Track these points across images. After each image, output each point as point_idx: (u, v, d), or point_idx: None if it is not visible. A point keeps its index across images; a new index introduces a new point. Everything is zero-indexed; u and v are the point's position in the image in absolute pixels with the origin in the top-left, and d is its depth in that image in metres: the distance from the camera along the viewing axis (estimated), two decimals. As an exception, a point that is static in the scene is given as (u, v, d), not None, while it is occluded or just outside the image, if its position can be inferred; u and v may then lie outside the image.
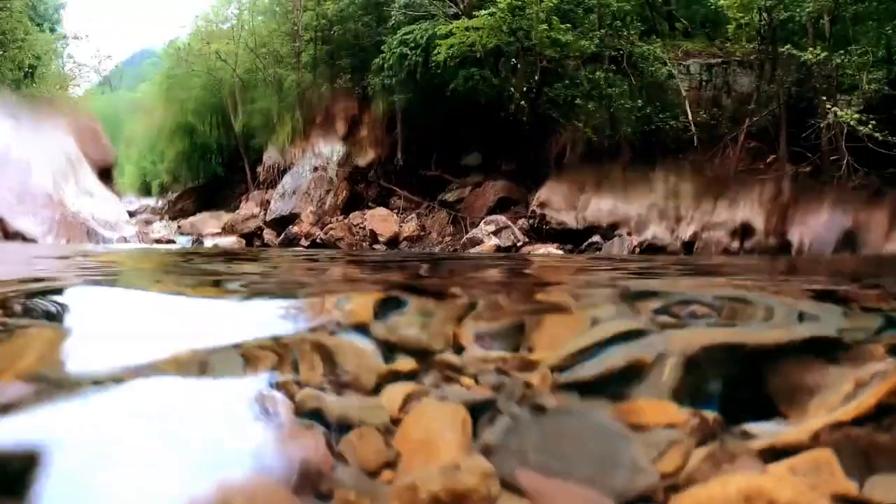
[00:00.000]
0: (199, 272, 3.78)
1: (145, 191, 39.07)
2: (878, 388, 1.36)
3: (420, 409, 1.39)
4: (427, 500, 1.09)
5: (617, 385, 1.52)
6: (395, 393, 1.45)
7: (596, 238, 12.41)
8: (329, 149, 18.23)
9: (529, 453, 1.26)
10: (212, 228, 18.36)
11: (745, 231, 11.35)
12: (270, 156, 19.84)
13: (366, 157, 18.22)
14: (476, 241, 13.09)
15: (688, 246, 11.47)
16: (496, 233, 13.30)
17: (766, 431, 1.34)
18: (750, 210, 11.94)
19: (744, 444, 1.28)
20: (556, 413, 1.43)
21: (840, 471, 1.19)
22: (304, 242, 15.13)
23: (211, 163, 28.95)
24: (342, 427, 1.29)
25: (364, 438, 1.27)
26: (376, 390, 1.48)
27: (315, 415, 1.33)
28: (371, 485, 1.19)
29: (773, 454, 1.24)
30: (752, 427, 1.35)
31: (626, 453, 1.25)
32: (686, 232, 11.74)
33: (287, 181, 17.89)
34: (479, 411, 1.37)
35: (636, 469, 1.22)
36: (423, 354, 1.63)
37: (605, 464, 1.23)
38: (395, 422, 1.35)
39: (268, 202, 18.24)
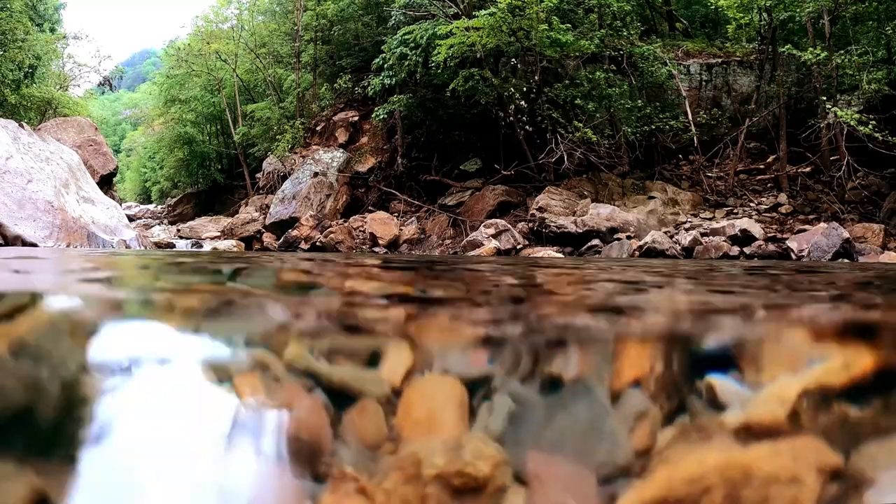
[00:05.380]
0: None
1: (145, 196, 39.40)
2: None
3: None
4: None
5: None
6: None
7: (595, 242, 12.41)
8: (329, 156, 18.25)
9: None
10: (211, 232, 18.41)
11: (744, 237, 11.35)
12: (270, 162, 19.87)
13: (366, 164, 18.26)
14: (476, 244, 13.08)
15: (687, 251, 11.48)
16: (496, 236, 13.29)
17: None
18: (748, 220, 11.98)
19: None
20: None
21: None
22: (303, 246, 15.14)
23: (210, 170, 29.26)
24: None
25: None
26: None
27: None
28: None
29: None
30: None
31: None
32: (685, 237, 11.74)
33: (287, 186, 17.91)
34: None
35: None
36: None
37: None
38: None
39: (267, 207, 18.26)
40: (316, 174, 17.66)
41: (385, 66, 16.33)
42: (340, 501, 0.93)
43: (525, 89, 14.80)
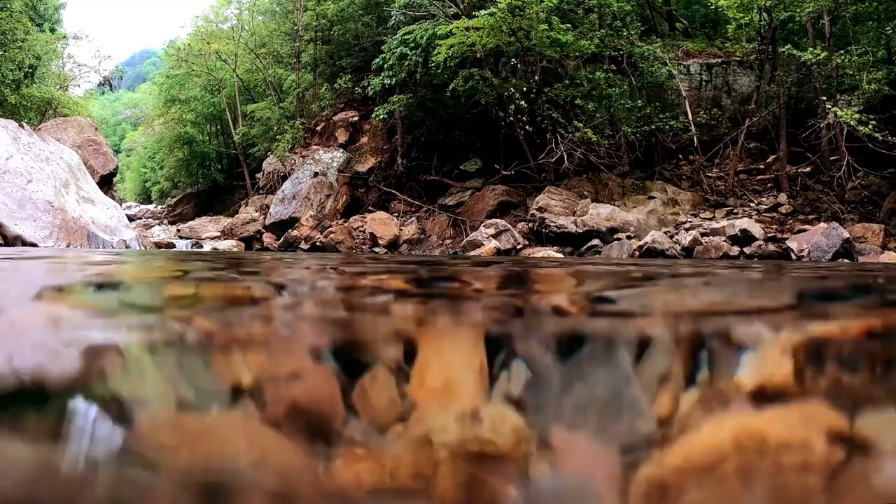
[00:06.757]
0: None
1: (145, 196, 39.42)
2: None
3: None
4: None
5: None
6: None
7: (595, 242, 12.41)
8: (329, 156, 18.26)
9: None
10: (211, 232, 18.42)
11: (744, 237, 11.35)
12: (270, 162, 19.88)
13: (366, 164, 18.28)
14: (476, 244, 13.08)
15: (687, 251, 11.47)
16: (496, 236, 13.29)
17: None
18: (748, 220, 11.98)
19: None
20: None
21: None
22: (303, 246, 15.14)
23: (210, 170, 29.30)
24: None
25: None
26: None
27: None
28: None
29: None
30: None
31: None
32: (685, 237, 11.74)
33: (287, 186, 17.92)
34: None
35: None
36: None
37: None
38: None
39: (267, 207, 18.27)
40: (316, 174, 17.66)
41: (385, 66, 16.33)
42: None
43: (525, 89, 14.80)
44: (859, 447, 0.92)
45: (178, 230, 20.20)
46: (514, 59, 15.65)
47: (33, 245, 11.16)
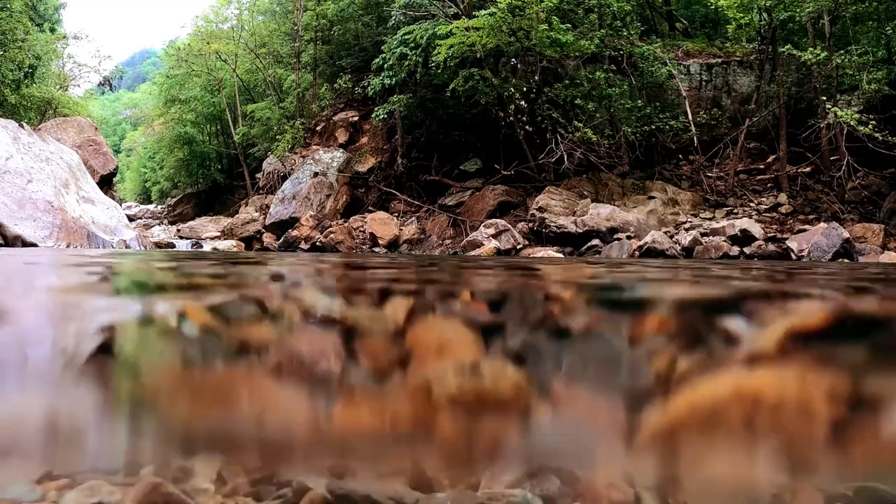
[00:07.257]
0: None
1: (145, 196, 39.45)
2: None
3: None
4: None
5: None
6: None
7: (595, 242, 12.41)
8: (329, 156, 18.27)
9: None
10: (211, 232, 18.43)
11: (744, 237, 11.35)
12: (270, 162, 19.89)
13: (366, 164, 18.28)
14: (476, 244, 13.08)
15: (687, 251, 11.47)
16: (496, 235, 13.29)
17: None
18: (748, 220, 11.98)
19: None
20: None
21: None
22: (303, 246, 15.14)
23: (210, 170, 29.33)
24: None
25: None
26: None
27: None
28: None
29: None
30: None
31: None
32: (685, 237, 11.74)
33: (287, 186, 17.93)
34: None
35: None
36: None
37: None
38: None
39: (267, 207, 18.28)
40: (316, 174, 17.67)
41: (385, 66, 16.33)
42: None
43: (525, 89, 14.80)
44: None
45: (178, 230, 20.20)
46: (514, 59, 15.65)
47: (33, 245, 11.17)
